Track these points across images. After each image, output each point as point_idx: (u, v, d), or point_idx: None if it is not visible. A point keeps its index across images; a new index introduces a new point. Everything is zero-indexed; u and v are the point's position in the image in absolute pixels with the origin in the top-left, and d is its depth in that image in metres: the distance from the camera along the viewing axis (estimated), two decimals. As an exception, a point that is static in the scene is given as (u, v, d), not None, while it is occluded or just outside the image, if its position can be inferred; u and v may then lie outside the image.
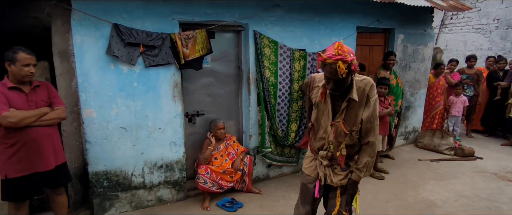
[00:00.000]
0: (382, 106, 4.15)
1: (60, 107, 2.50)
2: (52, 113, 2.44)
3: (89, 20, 2.78)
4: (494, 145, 5.73)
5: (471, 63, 6.13)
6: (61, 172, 2.59)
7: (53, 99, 2.50)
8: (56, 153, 2.50)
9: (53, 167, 2.46)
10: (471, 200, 3.57)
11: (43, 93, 2.46)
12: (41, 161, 2.39)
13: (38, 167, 2.39)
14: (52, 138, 2.47)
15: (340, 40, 4.16)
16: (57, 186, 2.61)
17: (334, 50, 1.74)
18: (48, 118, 2.40)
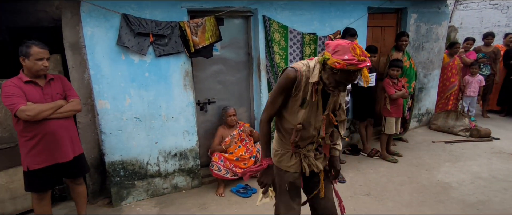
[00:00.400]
0: (395, 88, 4.08)
1: (75, 99, 2.54)
2: (68, 105, 2.47)
3: (98, 12, 2.77)
4: (511, 125, 5.60)
5: (489, 41, 5.92)
6: (80, 163, 2.65)
7: (67, 92, 2.54)
8: (73, 144, 2.56)
9: (71, 158, 2.52)
10: (488, 182, 3.53)
11: (58, 86, 2.49)
12: (60, 153, 2.45)
13: (58, 158, 2.45)
14: (69, 130, 2.52)
15: (351, 22, 4.10)
16: (76, 177, 2.68)
17: (355, 54, 1.50)
18: (64, 111, 2.44)
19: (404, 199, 3.22)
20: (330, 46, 1.58)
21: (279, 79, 1.79)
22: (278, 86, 1.78)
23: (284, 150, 1.95)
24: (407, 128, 4.93)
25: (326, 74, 1.63)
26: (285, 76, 1.74)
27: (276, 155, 1.98)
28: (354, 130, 4.72)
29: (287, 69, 1.75)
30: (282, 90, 1.77)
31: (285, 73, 1.74)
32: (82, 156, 2.69)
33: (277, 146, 1.99)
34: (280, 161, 1.97)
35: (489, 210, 2.99)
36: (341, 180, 3.62)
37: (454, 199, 3.20)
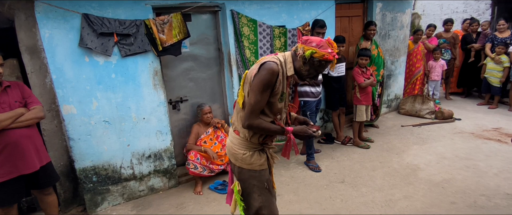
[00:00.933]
0: (364, 77, 4.21)
1: (37, 106, 2.40)
2: (29, 113, 2.34)
3: (56, 12, 2.62)
4: (471, 106, 5.97)
5: (448, 27, 6.23)
6: (47, 172, 2.53)
7: (28, 99, 2.40)
8: (39, 153, 2.44)
9: (37, 168, 2.40)
10: (451, 161, 3.76)
11: (16, 93, 2.35)
12: (25, 163, 2.33)
13: (22, 170, 2.32)
14: (33, 139, 2.39)
15: (319, 13, 4.16)
16: (44, 187, 2.56)
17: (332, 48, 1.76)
18: (25, 119, 2.31)
19: (377, 183, 3.36)
20: (313, 41, 1.75)
21: (260, 76, 1.70)
22: (262, 83, 1.70)
23: (252, 149, 1.91)
24: (378, 115, 5.12)
25: (307, 66, 1.78)
26: (270, 71, 1.70)
27: (246, 158, 1.90)
28: (327, 120, 4.84)
29: (270, 64, 1.71)
30: (267, 86, 1.72)
31: (270, 68, 1.70)
32: (49, 165, 2.57)
33: (242, 149, 1.90)
34: (252, 163, 1.91)
35: (453, 187, 3.19)
36: (316, 170, 3.71)
37: (422, 179, 3.38)
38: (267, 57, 1.80)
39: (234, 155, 1.95)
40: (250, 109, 1.76)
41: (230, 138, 1.98)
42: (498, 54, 5.51)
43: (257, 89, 1.71)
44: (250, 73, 1.78)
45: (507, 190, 3.03)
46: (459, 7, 8.50)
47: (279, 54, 1.84)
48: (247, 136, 1.88)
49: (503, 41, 5.59)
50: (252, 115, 1.76)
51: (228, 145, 1.99)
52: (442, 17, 8.23)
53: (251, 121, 1.77)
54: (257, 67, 1.74)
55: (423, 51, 5.83)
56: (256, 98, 1.73)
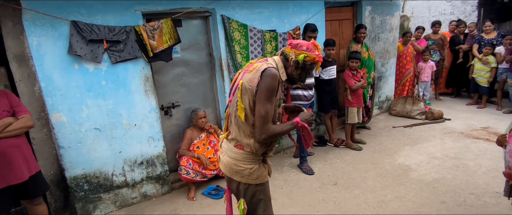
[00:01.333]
0: (354, 80, 4.26)
1: (25, 115, 2.37)
2: (17, 122, 2.32)
3: (44, 19, 2.60)
4: (460, 106, 6.08)
5: (436, 29, 6.35)
6: (37, 182, 2.49)
7: (16, 108, 2.37)
8: (28, 163, 2.40)
9: (26, 178, 2.36)
10: (441, 161, 3.81)
11: (4, 102, 2.32)
12: (13, 174, 2.29)
13: (10, 180, 2.29)
14: (21, 148, 2.36)
15: (310, 17, 4.20)
16: (34, 197, 2.52)
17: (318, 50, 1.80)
18: (13, 129, 2.28)
19: (369, 185, 3.39)
20: (303, 45, 1.77)
21: (266, 84, 1.64)
22: (269, 90, 1.65)
23: (256, 162, 1.83)
24: (370, 117, 5.17)
25: (299, 70, 1.79)
26: (274, 77, 1.67)
27: (253, 172, 1.80)
28: (320, 122, 4.87)
29: (272, 70, 1.67)
30: (273, 92, 1.68)
31: (274, 74, 1.66)
32: (39, 174, 2.53)
33: (248, 163, 1.80)
34: (259, 176, 1.83)
35: (443, 186, 3.24)
36: (309, 173, 3.73)
37: (413, 180, 3.42)
38: (261, 63, 1.75)
39: (239, 173, 1.81)
40: (263, 121, 1.67)
41: (231, 154, 1.82)
42: (485, 55, 5.63)
43: (266, 98, 1.65)
44: (249, 83, 1.69)
45: (496, 188, 3.09)
46: (446, 9, 8.67)
47: (270, 59, 1.82)
48: (253, 149, 1.78)
49: (490, 42, 5.71)
50: (266, 126, 1.68)
51: (229, 163, 1.83)
52: (430, 19, 8.37)
53: (267, 132, 1.69)
54: (258, 75, 1.66)
55: (413, 53, 5.92)
56: (267, 108, 1.66)
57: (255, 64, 1.78)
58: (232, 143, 1.84)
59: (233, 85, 1.88)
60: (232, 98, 1.83)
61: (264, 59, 1.83)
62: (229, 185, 1.95)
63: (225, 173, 1.90)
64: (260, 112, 1.66)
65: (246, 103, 1.71)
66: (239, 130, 1.78)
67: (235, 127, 1.81)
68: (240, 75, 1.85)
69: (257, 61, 1.83)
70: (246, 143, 1.78)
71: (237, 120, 1.78)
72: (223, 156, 1.89)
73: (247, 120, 1.73)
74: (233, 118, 1.81)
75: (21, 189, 2.39)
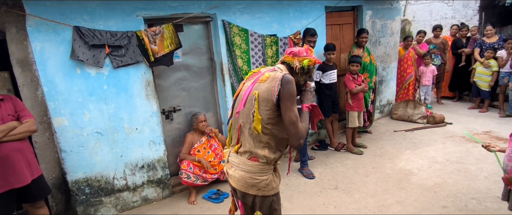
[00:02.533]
0: (355, 83, 4.27)
1: (29, 119, 2.41)
2: (21, 126, 2.35)
3: (47, 25, 2.64)
4: (462, 110, 6.05)
5: (437, 33, 6.35)
6: (39, 186, 2.52)
7: (20, 113, 2.41)
8: (30, 167, 2.43)
9: (29, 182, 2.39)
10: (443, 165, 3.80)
11: (8, 107, 2.36)
12: (16, 177, 2.32)
13: (13, 184, 2.31)
14: (24, 152, 2.39)
15: (310, 21, 4.22)
16: (36, 200, 2.54)
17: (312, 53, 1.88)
18: (17, 132, 2.32)
19: (370, 189, 3.38)
20: (302, 51, 1.85)
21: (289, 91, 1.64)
22: (293, 96, 1.65)
23: (270, 173, 1.79)
24: (372, 121, 5.16)
25: (305, 76, 1.86)
26: (293, 82, 1.67)
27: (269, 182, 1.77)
28: (321, 126, 4.87)
29: (289, 76, 1.68)
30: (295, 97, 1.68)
31: (292, 80, 1.68)
32: (41, 178, 2.56)
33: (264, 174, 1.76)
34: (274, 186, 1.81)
35: (445, 191, 3.22)
36: (310, 177, 3.73)
37: (414, 184, 3.41)
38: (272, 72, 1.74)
39: (255, 186, 1.75)
40: (296, 126, 1.65)
41: (245, 168, 1.75)
42: (487, 59, 5.62)
43: (291, 104, 1.64)
44: (267, 92, 1.66)
45: (497, 193, 3.07)
46: (447, 13, 8.67)
47: (277, 68, 1.81)
48: (268, 158, 1.74)
49: (491, 46, 5.70)
50: (300, 132, 1.67)
51: (243, 177, 1.75)
52: (431, 23, 8.37)
53: (302, 135, 1.68)
54: (278, 83, 1.65)
55: (414, 57, 5.92)
56: (295, 113, 1.65)
57: (265, 73, 1.75)
58: (245, 156, 1.77)
59: (238, 96, 1.85)
60: (241, 109, 1.77)
61: (272, 68, 1.81)
62: (244, 200, 1.85)
63: (238, 188, 1.80)
64: (291, 119, 1.64)
65: (264, 114, 1.67)
66: (254, 142, 1.73)
67: (249, 139, 1.75)
68: (247, 85, 1.81)
69: (264, 70, 1.82)
70: (261, 155, 1.73)
71: (251, 132, 1.72)
72: (234, 171, 1.80)
73: (263, 131, 1.70)
74: (246, 130, 1.75)
75: (24, 193, 2.41)
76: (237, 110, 1.82)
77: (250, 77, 1.87)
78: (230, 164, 1.85)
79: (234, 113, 1.88)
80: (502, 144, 4.18)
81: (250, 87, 1.76)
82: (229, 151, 1.90)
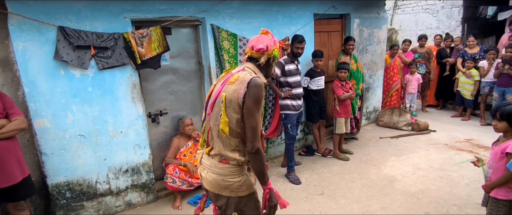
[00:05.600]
0: (343, 90, 4.32)
1: (18, 117, 2.37)
2: (10, 124, 2.31)
3: (30, 24, 2.58)
4: (445, 118, 6.20)
5: (422, 42, 6.51)
6: (26, 185, 2.49)
7: (9, 110, 2.37)
8: (20, 165, 2.41)
9: (19, 180, 2.37)
10: (426, 172, 3.87)
11: None
12: (5, 177, 2.29)
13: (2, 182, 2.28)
14: (15, 150, 2.37)
15: (299, 28, 4.26)
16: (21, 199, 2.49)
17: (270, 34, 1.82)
18: (6, 131, 2.28)
19: (355, 195, 3.41)
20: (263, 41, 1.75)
21: (254, 95, 1.60)
22: (258, 101, 1.62)
23: (243, 174, 1.77)
24: (359, 128, 5.22)
25: (270, 67, 1.81)
26: (261, 87, 1.64)
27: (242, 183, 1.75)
28: (308, 132, 4.90)
29: (257, 80, 1.64)
30: (261, 102, 1.65)
31: (261, 84, 1.64)
32: (29, 177, 2.54)
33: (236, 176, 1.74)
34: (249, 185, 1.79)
35: (427, 197, 3.28)
36: (296, 182, 3.73)
37: (398, 190, 3.46)
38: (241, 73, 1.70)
39: (227, 188, 1.73)
40: (255, 132, 1.63)
41: (216, 171, 1.73)
42: (468, 69, 5.79)
43: (256, 109, 1.62)
44: (234, 95, 1.62)
45: (477, 200, 3.14)
46: (432, 23, 8.93)
47: (246, 68, 1.76)
48: (239, 161, 1.72)
49: (472, 56, 5.89)
50: (258, 138, 1.64)
51: (215, 180, 1.73)
52: (417, 32, 8.59)
53: (258, 144, 1.64)
54: (245, 86, 1.60)
55: (400, 65, 6.05)
56: (257, 118, 1.63)
57: (235, 74, 1.71)
58: (215, 158, 1.75)
59: (210, 97, 1.79)
60: (212, 111, 1.73)
61: (241, 68, 1.77)
62: (216, 202, 1.82)
63: (211, 190, 1.78)
64: (251, 124, 1.61)
65: (231, 116, 1.64)
66: (223, 144, 1.71)
67: (218, 141, 1.72)
68: (217, 86, 1.77)
69: (234, 70, 1.77)
70: (231, 157, 1.70)
71: (220, 135, 1.69)
72: (206, 173, 1.78)
73: (231, 134, 1.66)
74: (215, 132, 1.73)
75: (9, 192, 2.37)
76: (208, 112, 1.78)
77: (221, 78, 1.81)
78: (203, 166, 1.83)
79: (206, 115, 1.83)
80: (483, 152, 4.31)
81: (220, 89, 1.71)
82: (202, 153, 1.88)
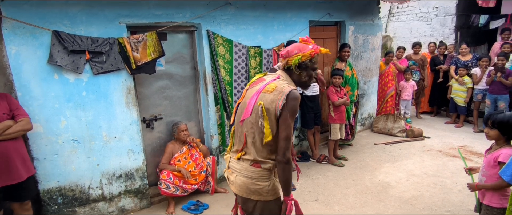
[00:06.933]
0: (337, 96, 4.35)
1: (24, 118, 2.43)
2: (16, 125, 2.38)
3: (24, 29, 2.57)
4: (439, 124, 6.26)
5: (417, 49, 6.59)
6: (30, 184, 2.56)
7: (15, 111, 2.42)
8: (26, 164, 2.46)
9: (24, 178, 2.42)
10: (420, 178, 3.89)
11: (3, 105, 2.37)
12: (11, 175, 2.34)
13: (8, 181, 2.33)
14: (20, 150, 2.43)
15: (294, 34, 4.30)
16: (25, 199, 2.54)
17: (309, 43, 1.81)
18: (12, 131, 2.34)
19: (349, 201, 3.41)
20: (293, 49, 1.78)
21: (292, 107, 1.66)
22: (294, 113, 1.68)
23: (271, 178, 1.82)
24: (354, 134, 5.24)
25: (304, 72, 1.80)
26: (298, 100, 1.70)
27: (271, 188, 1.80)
28: (303, 138, 4.91)
29: (295, 93, 1.70)
30: (296, 113, 1.72)
31: (297, 97, 1.69)
32: (34, 177, 2.63)
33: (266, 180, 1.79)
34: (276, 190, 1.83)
35: (421, 204, 3.29)
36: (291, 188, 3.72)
37: (392, 197, 3.47)
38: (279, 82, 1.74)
39: (257, 191, 1.78)
40: (288, 143, 1.69)
41: (247, 174, 1.78)
42: (461, 76, 5.87)
43: (292, 121, 1.69)
44: (272, 105, 1.68)
45: (470, 206, 3.16)
46: (426, 31, 9.05)
47: (280, 78, 1.80)
48: (270, 166, 1.78)
49: (465, 64, 5.97)
50: (290, 148, 1.71)
51: (245, 183, 1.78)
52: (411, 40, 8.70)
53: (288, 156, 1.70)
54: (284, 98, 1.66)
55: (394, 72, 6.10)
56: (291, 129, 1.70)
57: (271, 83, 1.75)
58: (247, 162, 1.80)
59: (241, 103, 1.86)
60: (246, 118, 1.77)
61: (276, 77, 1.81)
62: (244, 206, 1.89)
63: (240, 194, 1.84)
64: (286, 134, 1.68)
65: (270, 125, 1.70)
66: (257, 151, 1.76)
67: (251, 147, 1.77)
68: (250, 92, 1.82)
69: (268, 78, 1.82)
70: (265, 161, 1.77)
71: (254, 141, 1.75)
72: (235, 177, 1.82)
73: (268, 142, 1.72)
74: (249, 139, 1.77)
75: (15, 191, 2.41)
76: (241, 118, 1.82)
77: (253, 84, 1.87)
78: (231, 170, 1.87)
79: (237, 120, 1.88)
80: (476, 158, 4.34)
81: (255, 96, 1.76)
82: (229, 157, 1.92)
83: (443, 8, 8.61)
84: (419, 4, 9.09)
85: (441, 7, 8.62)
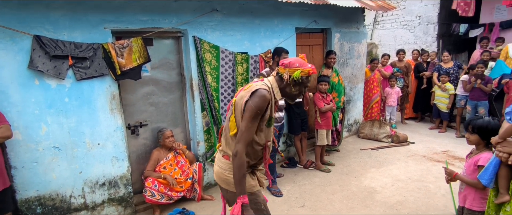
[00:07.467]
0: (324, 102, 4.39)
1: (3, 125, 2.33)
2: None
3: (3, 33, 2.50)
4: (423, 130, 6.39)
5: (401, 56, 6.75)
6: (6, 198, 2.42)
7: None
8: (2, 175, 2.34)
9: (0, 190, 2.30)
10: (405, 183, 3.95)
11: None
12: None
13: None
14: None
15: (281, 41, 4.33)
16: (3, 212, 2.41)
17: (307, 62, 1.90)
18: None
19: (335, 207, 3.43)
20: (295, 62, 1.86)
21: (252, 103, 1.75)
22: (255, 109, 1.74)
23: None
24: (340, 140, 5.28)
25: (297, 86, 1.88)
26: (263, 98, 1.76)
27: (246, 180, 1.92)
28: (290, 144, 4.92)
29: (262, 91, 1.77)
30: (259, 113, 1.77)
31: (263, 95, 1.76)
32: (9, 190, 2.47)
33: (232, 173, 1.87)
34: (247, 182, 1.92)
35: (406, 209, 3.34)
36: (278, 194, 3.72)
37: (378, 202, 3.50)
38: (256, 84, 1.85)
39: (225, 181, 1.95)
40: (241, 135, 1.78)
41: (219, 164, 1.99)
42: (443, 83, 6.03)
43: (250, 116, 1.76)
44: (240, 100, 1.82)
45: (453, 211, 3.22)
46: (410, 39, 9.29)
47: (265, 80, 1.91)
48: None
49: (447, 71, 6.14)
50: (241, 143, 1.77)
51: (218, 172, 1.99)
52: (396, 47, 8.90)
53: (239, 150, 1.76)
54: (249, 94, 1.77)
55: (379, 79, 6.22)
56: (247, 125, 1.77)
57: (252, 84, 1.89)
58: (220, 153, 2.01)
59: None
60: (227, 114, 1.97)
61: (260, 79, 1.93)
62: (222, 192, 2.09)
63: (217, 182, 2.05)
64: (242, 127, 1.78)
65: (237, 119, 1.84)
66: (228, 143, 1.93)
67: (224, 139, 1.98)
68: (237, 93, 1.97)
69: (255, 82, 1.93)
70: (230, 155, 1.88)
71: (225, 133, 1.95)
72: (214, 166, 2.07)
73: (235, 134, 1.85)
74: (224, 132, 1.98)
75: None
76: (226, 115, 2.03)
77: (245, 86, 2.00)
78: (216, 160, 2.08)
79: None
80: (458, 163, 4.44)
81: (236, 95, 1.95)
82: None
83: (425, 17, 8.87)
84: (403, 13, 9.35)
85: (424, 15, 8.89)
